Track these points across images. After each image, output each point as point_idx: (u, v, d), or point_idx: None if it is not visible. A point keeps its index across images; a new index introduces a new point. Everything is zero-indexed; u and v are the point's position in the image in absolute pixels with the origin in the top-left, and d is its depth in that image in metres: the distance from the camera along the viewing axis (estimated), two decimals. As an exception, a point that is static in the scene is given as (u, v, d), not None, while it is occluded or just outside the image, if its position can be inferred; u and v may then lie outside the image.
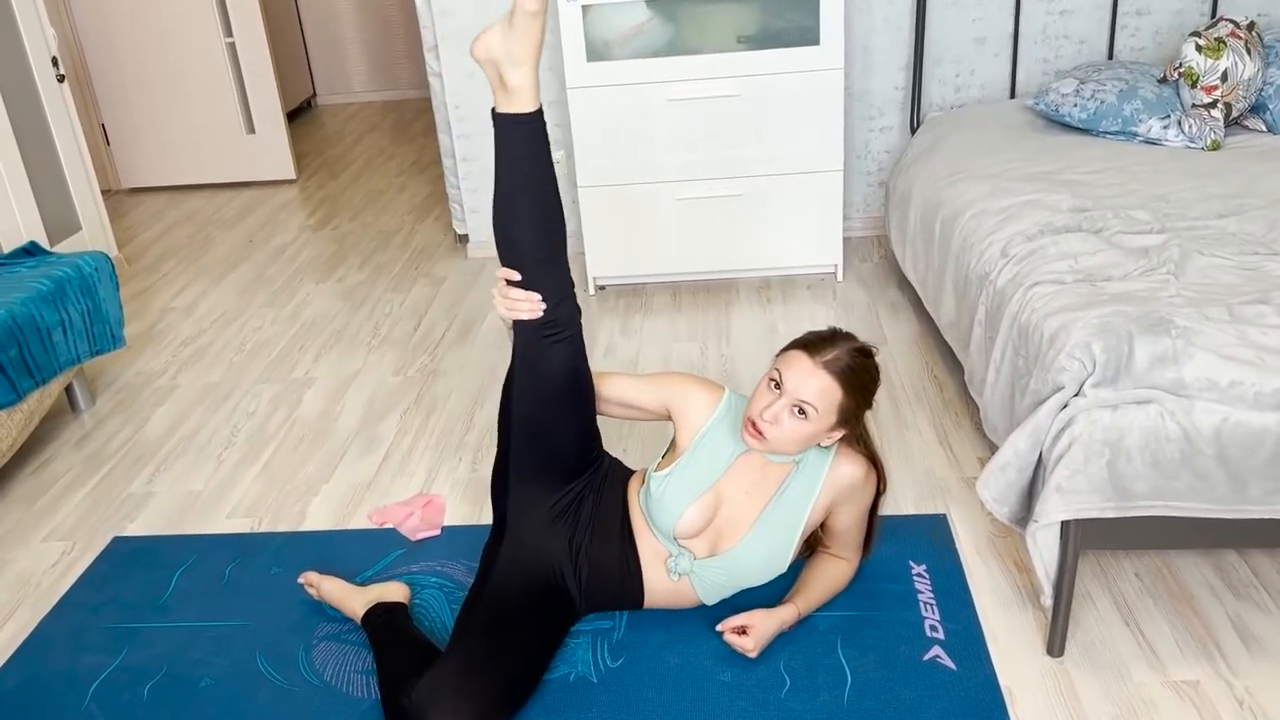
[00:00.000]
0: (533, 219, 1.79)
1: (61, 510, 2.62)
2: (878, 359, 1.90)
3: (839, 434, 1.89)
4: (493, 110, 1.77)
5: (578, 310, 1.88)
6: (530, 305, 1.82)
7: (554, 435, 1.93)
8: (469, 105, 3.82)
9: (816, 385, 1.81)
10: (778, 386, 1.84)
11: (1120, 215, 2.43)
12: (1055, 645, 1.90)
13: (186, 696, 1.97)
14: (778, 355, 1.90)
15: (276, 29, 6.33)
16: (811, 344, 1.86)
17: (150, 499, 2.64)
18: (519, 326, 1.86)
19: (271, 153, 5.29)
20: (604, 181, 3.46)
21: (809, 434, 1.84)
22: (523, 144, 1.77)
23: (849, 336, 1.88)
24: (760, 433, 1.84)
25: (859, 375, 1.84)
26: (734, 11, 3.32)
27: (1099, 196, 2.58)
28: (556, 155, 3.85)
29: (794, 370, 1.83)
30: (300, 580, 2.21)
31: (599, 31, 3.30)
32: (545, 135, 1.78)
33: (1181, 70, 3.06)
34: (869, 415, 1.96)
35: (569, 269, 1.87)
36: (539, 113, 1.76)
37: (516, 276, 1.82)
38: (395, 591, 2.10)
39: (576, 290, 1.89)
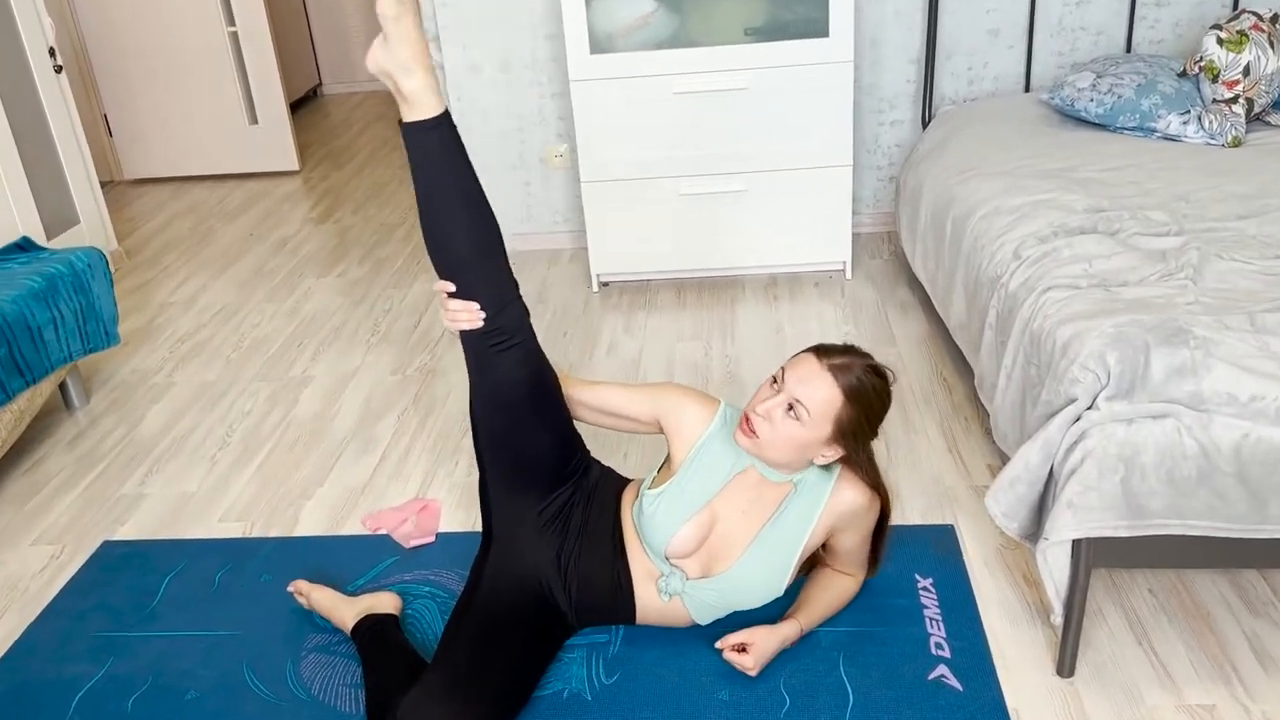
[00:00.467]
0: (460, 226, 1.74)
1: (53, 512, 2.58)
2: (892, 386, 1.81)
3: (835, 453, 1.80)
4: (399, 122, 1.71)
5: (525, 313, 1.82)
6: (469, 315, 1.76)
7: (524, 442, 1.87)
8: (471, 97, 3.76)
9: (816, 387, 1.74)
10: (778, 383, 1.78)
11: (1137, 216, 2.35)
12: (1065, 665, 1.84)
13: (172, 710, 1.92)
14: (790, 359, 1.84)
15: (282, 18, 6.27)
16: (824, 349, 1.80)
17: (142, 500, 2.59)
18: (465, 338, 1.81)
19: (275, 144, 5.24)
20: (607, 176, 3.40)
21: (801, 440, 1.76)
22: (435, 150, 1.70)
23: (865, 355, 1.80)
24: (753, 429, 1.77)
25: (864, 391, 1.75)
26: (741, 2, 3.24)
27: (1115, 196, 2.50)
28: (559, 150, 3.79)
29: (798, 369, 1.77)
30: (290, 589, 2.16)
31: (603, 23, 3.23)
32: (457, 138, 1.72)
33: (1202, 64, 2.97)
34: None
35: (510, 273, 1.81)
36: (445, 115, 1.70)
37: (452, 288, 1.77)
38: (386, 603, 2.05)
39: (586, 288, 1.83)
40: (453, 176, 1.72)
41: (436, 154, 1.71)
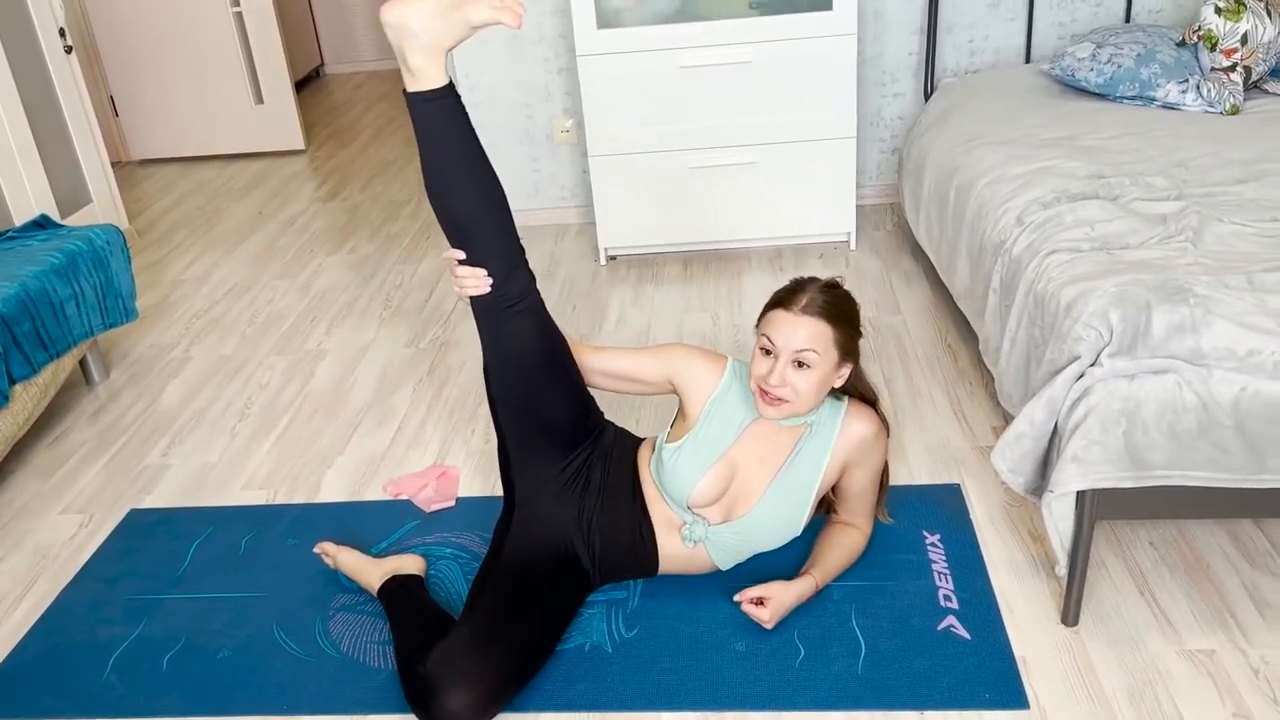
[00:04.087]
0: (466, 194, 1.78)
1: (78, 483, 2.64)
2: (844, 285, 1.94)
3: (847, 368, 1.91)
4: (404, 91, 1.74)
5: (531, 279, 1.88)
6: (476, 280, 1.81)
7: (541, 406, 1.93)
8: (479, 73, 3.80)
9: (805, 332, 1.83)
10: (769, 351, 1.85)
11: (1138, 182, 2.40)
12: (1070, 615, 1.90)
13: (206, 667, 1.98)
14: (757, 324, 1.92)
15: (283, -2, 6.28)
16: (784, 299, 1.89)
17: (166, 471, 2.65)
18: (476, 305, 1.86)
19: (281, 123, 5.27)
20: (614, 150, 3.44)
21: (820, 379, 1.86)
22: (441, 120, 1.73)
23: (812, 279, 1.91)
24: (778, 399, 1.84)
25: (838, 306, 1.88)
26: (745, -24, 3.28)
27: (1116, 163, 2.55)
28: (565, 125, 3.83)
29: (778, 328, 1.85)
30: (317, 550, 2.22)
31: (609, -2, 3.27)
32: (461, 107, 1.75)
33: (1200, 33, 3.01)
34: (880, 377, 1.95)
35: (517, 239, 1.86)
36: (450, 86, 1.72)
37: (462, 255, 1.82)
38: (411, 564, 2.11)
39: (594, 262, 1.89)
40: (459, 145, 1.76)
41: (441, 124, 1.74)
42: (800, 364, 1.83)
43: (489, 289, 1.82)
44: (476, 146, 1.78)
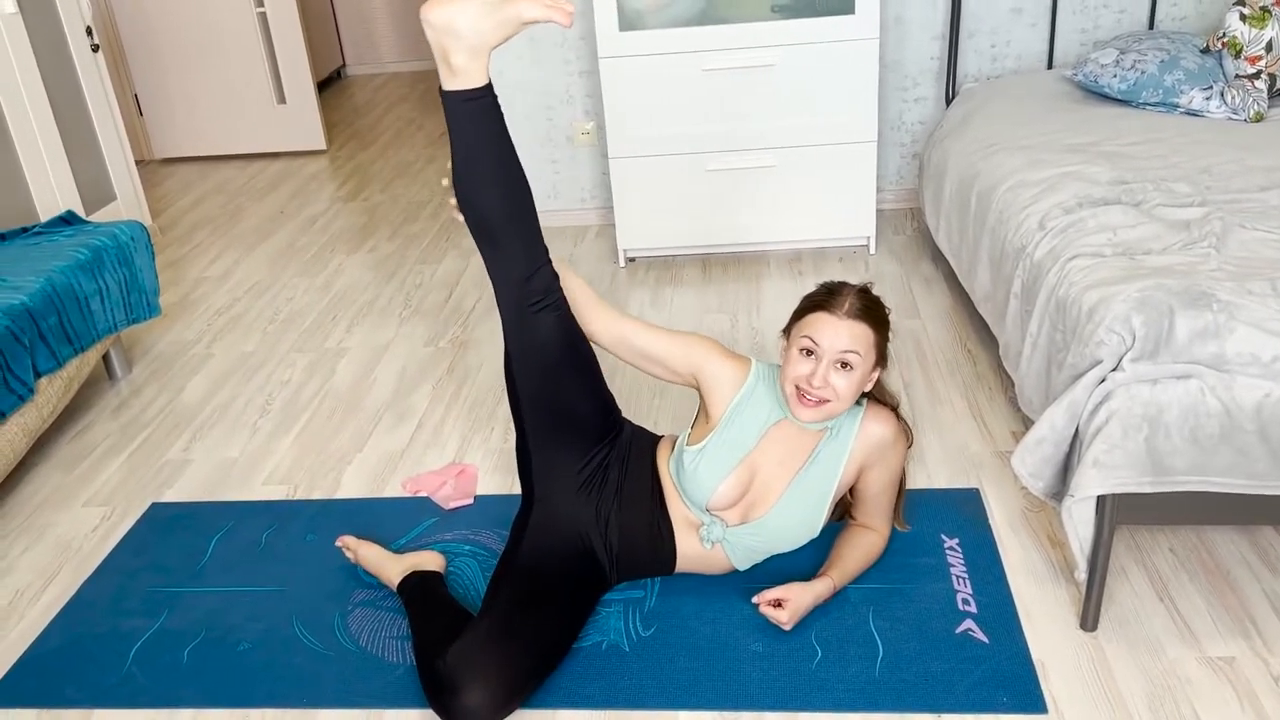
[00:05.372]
0: (494, 193, 1.78)
1: (100, 476, 2.66)
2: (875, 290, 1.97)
3: (878, 372, 1.93)
4: (439, 90, 1.73)
5: (555, 277, 1.88)
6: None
7: (563, 403, 1.94)
8: (499, 75, 3.81)
9: (850, 335, 1.84)
10: (811, 353, 1.85)
11: (1161, 188, 2.39)
12: (1089, 619, 1.90)
13: (225, 659, 2.00)
14: (795, 324, 1.91)
15: (306, -1, 6.32)
16: (824, 302, 1.89)
17: (187, 466, 2.67)
18: (503, 300, 1.86)
19: (302, 123, 5.30)
20: (635, 152, 3.45)
21: (858, 381, 1.88)
22: (477, 120, 1.73)
23: (845, 284, 1.93)
24: (820, 400, 1.85)
25: (876, 310, 1.90)
26: (768, -20, 3.29)
27: (1139, 169, 2.54)
28: (585, 127, 3.84)
29: (823, 330, 1.85)
30: (339, 543, 2.23)
31: (632, 0, 3.28)
32: (497, 107, 1.75)
33: (1225, 40, 3.00)
34: (899, 381, 1.96)
35: (541, 239, 1.87)
36: (489, 86, 1.72)
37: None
38: (431, 561, 2.12)
39: (613, 263, 1.90)
40: (492, 144, 1.76)
41: (478, 124, 1.74)
42: (843, 365, 1.84)
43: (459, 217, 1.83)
44: (509, 147, 1.79)
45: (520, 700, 1.76)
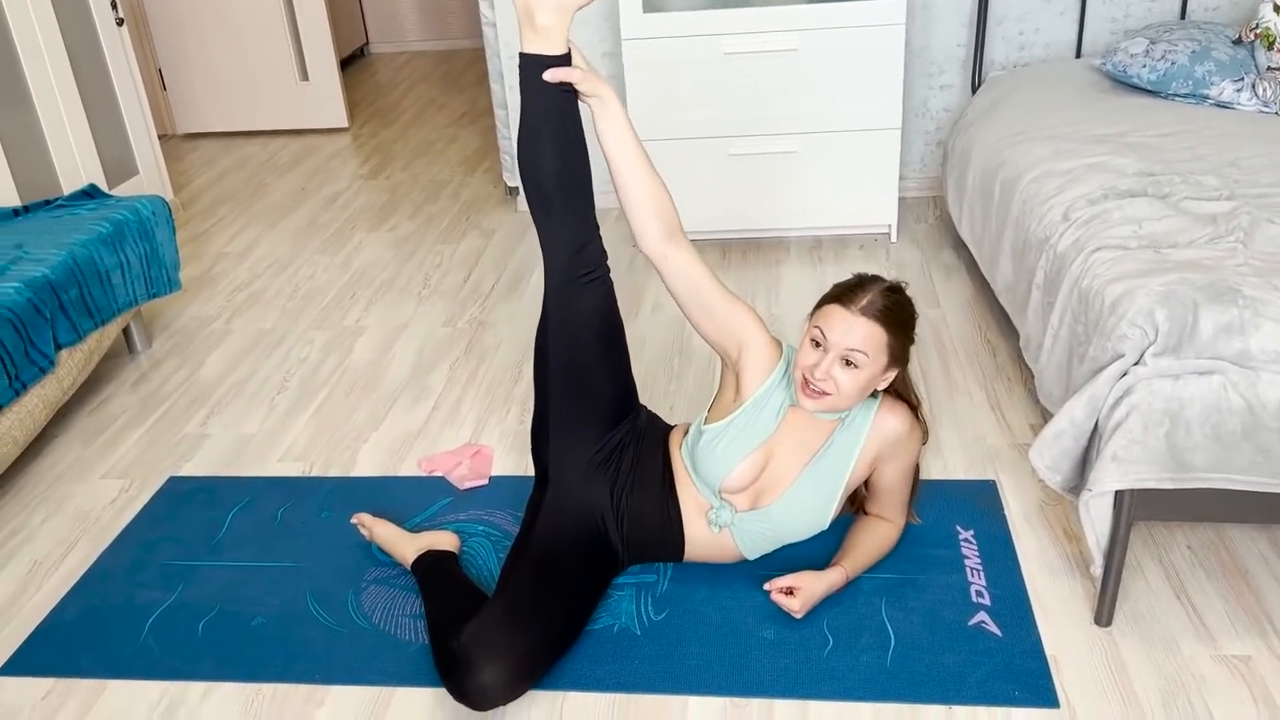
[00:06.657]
0: (557, 158, 1.79)
1: (119, 448, 2.68)
2: (922, 310, 1.92)
3: (893, 373, 1.90)
4: (520, 52, 1.75)
5: (604, 254, 1.90)
6: None
7: (592, 380, 1.94)
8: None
9: (860, 333, 1.81)
10: (819, 344, 1.83)
11: (1188, 180, 2.36)
12: (1103, 615, 1.89)
13: (240, 633, 2.01)
14: (812, 314, 1.89)
15: (331, -24, 6.31)
16: (843, 295, 1.86)
17: (205, 440, 2.69)
18: (551, 271, 1.87)
19: (325, 101, 5.31)
20: (656, 135, 3.43)
21: (865, 380, 1.84)
22: (552, 87, 1.75)
23: (876, 278, 1.88)
24: (820, 392, 1.83)
25: (897, 312, 1.85)
26: (794, -37, 3.26)
27: (1166, 161, 2.51)
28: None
29: (834, 323, 1.83)
30: (354, 520, 2.24)
31: (656, -18, 3.26)
32: None
33: (1258, 31, 2.95)
34: (918, 371, 1.94)
35: (594, 214, 1.88)
36: (567, 56, 1.74)
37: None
38: (445, 540, 2.13)
39: (631, 247, 1.89)
40: (560, 112, 1.77)
41: (551, 89, 1.75)
42: (848, 362, 1.82)
43: None
44: (576, 117, 1.79)
45: (534, 680, 1.76)
